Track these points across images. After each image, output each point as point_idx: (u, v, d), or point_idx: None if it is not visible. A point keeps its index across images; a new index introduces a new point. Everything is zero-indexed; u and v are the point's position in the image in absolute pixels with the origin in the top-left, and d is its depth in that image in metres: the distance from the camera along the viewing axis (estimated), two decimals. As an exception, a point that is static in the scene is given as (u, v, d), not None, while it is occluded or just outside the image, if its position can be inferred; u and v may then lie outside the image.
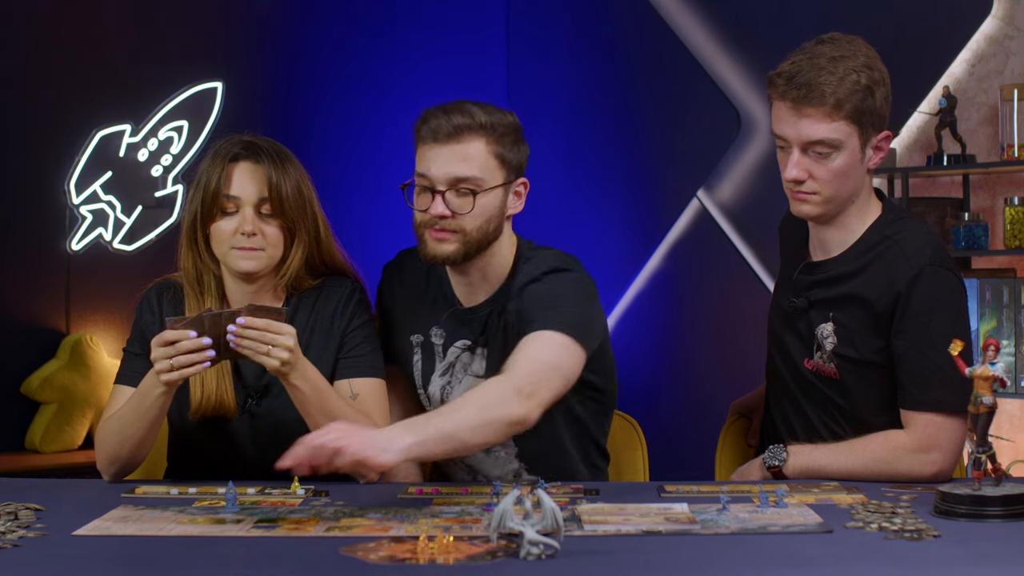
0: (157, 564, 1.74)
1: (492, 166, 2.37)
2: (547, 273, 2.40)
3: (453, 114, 2.35)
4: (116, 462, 2.37)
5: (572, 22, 5.40)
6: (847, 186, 2.35)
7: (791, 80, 2.30)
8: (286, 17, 5.02)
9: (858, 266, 2.37)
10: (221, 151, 2.41)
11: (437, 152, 2.35)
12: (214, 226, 2.39)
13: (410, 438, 2.02)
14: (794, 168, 2.33)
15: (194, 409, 2.41)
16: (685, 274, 5.14)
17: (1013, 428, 4.30)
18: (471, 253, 2.39)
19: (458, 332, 2.48)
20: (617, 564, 1.71)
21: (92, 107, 4.50)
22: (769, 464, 2.39)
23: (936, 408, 2.28)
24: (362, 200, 4.77)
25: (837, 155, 2.31)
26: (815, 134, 2.30)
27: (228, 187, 2.38)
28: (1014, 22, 4.40)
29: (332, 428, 2.00)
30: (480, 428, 2.11)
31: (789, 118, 2.32)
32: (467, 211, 2.35)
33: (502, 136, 2.38)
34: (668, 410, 4.99)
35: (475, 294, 2.47)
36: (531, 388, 2.18)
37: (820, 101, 2.29)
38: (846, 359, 2.37)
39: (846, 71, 2.30)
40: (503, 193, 2.40)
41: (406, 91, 5.06)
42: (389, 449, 1.98)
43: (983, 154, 4.40)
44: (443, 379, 2.50)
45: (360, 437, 1.98)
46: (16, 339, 4.38)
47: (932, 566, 1.68)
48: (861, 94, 2.30)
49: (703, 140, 5.05)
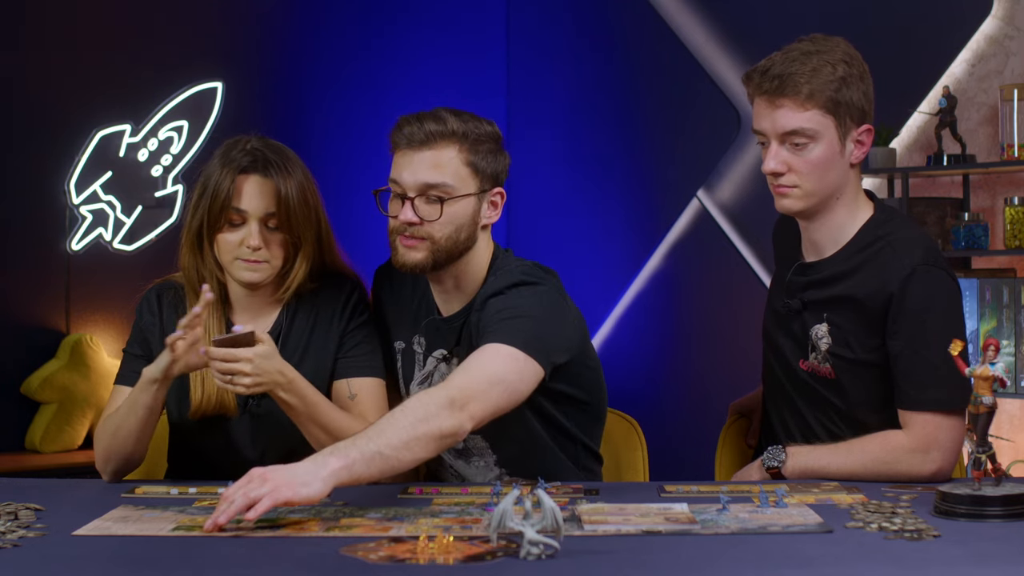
0: (157, 564, 1.74)
1: (464, 174, 2.36)
2: (512, 286, 2.36)
3: (426, 121, 2.34)
4: (111, 459, 2.38)
5: (572, 22, 5.40)
6: (828, 179, 2.35)
7: (765, 73, 2.33)
8: (286, 17, 5.02)
9: (850, 267, 2.37)
10: (231, 160, 2.39)
11: (409, 158, 2.34)
12: (220, 236, 2.39)
13: (335, 462, 1.97)
14: (772, 160, 2.34)
15: (194, 409, 2.42)
16: (685, 274, 5.14)
17: (1013, 428, 4.30)
18: (440, 262, 2.37)
19: (436, 341, 2.48)
20: (617, 564, 1.71)
21: (92, 107, 4.50)
22: (768, 465, 2.39)
23: (934, 408, 2.28)
24: (362, 200, 4.74)
25: (814, 145, 2.32)
26: (789, 124, 2.31)
27: (237, 200, 2.37)
28: (1014, 22, 4.40)
29: (248, 475, 1.95)
30: (410, 443, 2.05)
31: (765, 111, 2.34)
32: (435, 218, 2.33)
33: (476, 144, 2.36)
34: (668, 410, 5.00)
35: (451, 303, 2.46)
36: (463, 399, 2.12)
37: (793, 91, 2.30)
38: (841, 359, 2.37)
39: (820, 63, 2.31)
40: (476, 202, 2.38)
41: (406, 91, 5.07)
42: (311, 483, 1.94)
43: (983, 154, 4.40)
44: (421, 388, 2.48)
45: (277, 478, 1.93)
46: (16, 339, 4.38)
47: (932, 566, 1.68)
48: (835, 84, 2.31)
49: (703, 140, 5.05)
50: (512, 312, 2.29)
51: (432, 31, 5.29)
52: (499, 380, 2.19)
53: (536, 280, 2.38)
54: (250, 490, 1.91)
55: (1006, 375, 1.97)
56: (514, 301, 2.33)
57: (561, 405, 2.43)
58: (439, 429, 2.08)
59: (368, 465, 2.00)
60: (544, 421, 2.44)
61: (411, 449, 2.05)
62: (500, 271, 2.41)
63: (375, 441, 2.02)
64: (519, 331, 2.25)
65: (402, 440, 2.03)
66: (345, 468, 1.97)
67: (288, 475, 1.94)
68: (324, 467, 1.96)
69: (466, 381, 2.16)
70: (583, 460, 2.53)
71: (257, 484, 1.92)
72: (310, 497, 1.93)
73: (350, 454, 1.99)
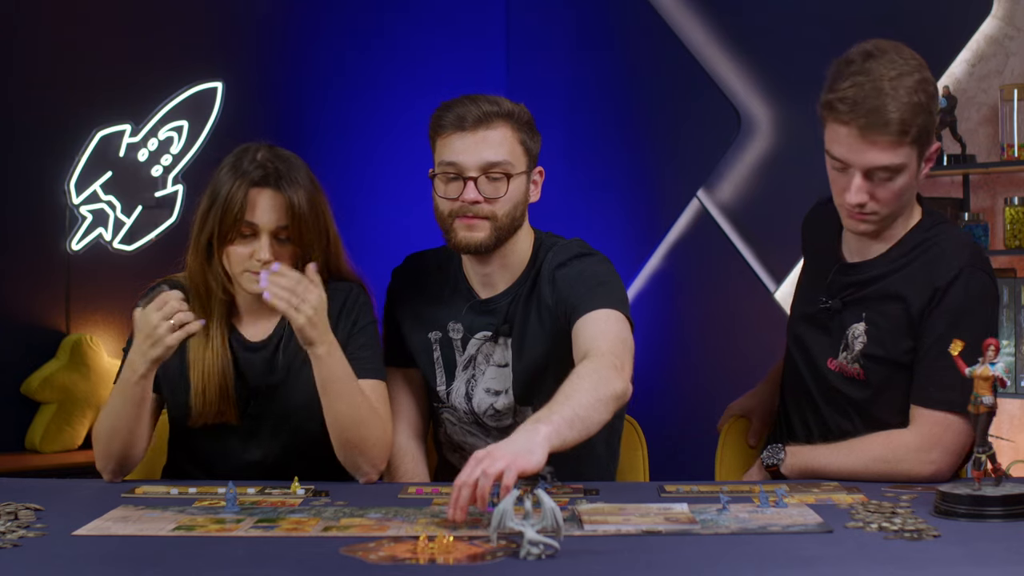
0: (157, 564, 1.74)
1: (518, 152, 2.43)
2: (576, 257, 2.45)
3: (480, 102, 2.40)
4: (111, 457, 2.37)
5: (572, 22, 5.40)
6: (903, 201, 2.34)
7: (856, 106, 2.24)
8: (286, 17, 5.02)
9: (898, 265, 2.37)
10: (243, 172, 2.38)
11: (465, 139, 2.38)
12: (230, 249, 2.38)
13: (545, 428, 1.99)
14: (857, 193, 2.28)
15: (195, 417, 2.42)
16: (685, 274, 5.14)
17: (1013, 428, 4.30)
18: (502, 239, 2.43)
19: (477, 324, 2.50)
20: (617, 564, 1.71)
21: (92, 107, 4.50)
22: (767, 463, 2.39)
23: (947, 408, 2.27)
24: (362, 200, 4.77)
25: (899, 177, 2.28)
26: (881, 160, 2.26)
27: (251, 215, 2.36)
28: (1014, 22, 4.40)
29: (474, 459, 1.93)
30: (596, 405, 2.11)
31: (854, 143, 2.26)
32: (501, 195, 2.39)
33: (524, 124, 2.44)
34: (668, 410, 4.99)
35: (494, 284, 2.50)
36: (620, 362, 2.22)
37: (886, 129, 2.23)
38: (873, 359, 2.36)
39: (908, 92, 2.24)
40: (526, 180, 2.46)
41: (406, 91, 5.06)
42: (533, 449, 1.94)
43: (983, 154, 4.40)
44: (466, 373, 2.51)
45: (504, 452, 1.92)
46: (16, 339, 4.37)
47: (932, 566, 1.68)
48: (924, 115, 2.26)
49: (703, 140, 5.05)
50: (598, 279, 2.39)
51: (432, 31, 5.29)
52: (626, 341, 2.31)
53: (594, 251, 2.49)
54: (488, 466, 1.90)
55: (1006, 375, 1.97)
56: (592, 270, 2.42)
57: None
58: (614, 391, 2.15)
59: (571, 428, 2.04)
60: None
61: (598, 410, 2.11)
62: (556, 246, 2.50)
63: (568, 406, 2.06)
64: (613, 295, 2.36)
65: (590, 402, 2.09)
66: (555, 432, 2.00)
67: (513, 447, 1.94)
68: (537, 434, 1.98)
69: (611, 345, 2.26)
70: (614, 454, 2.57)
71: (490, 462, 1.91)
72: (539, 463, 1.94)
73: (553, 419, 2.02)
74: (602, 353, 2.22)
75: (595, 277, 2.40)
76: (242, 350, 2.46)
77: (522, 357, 2.47)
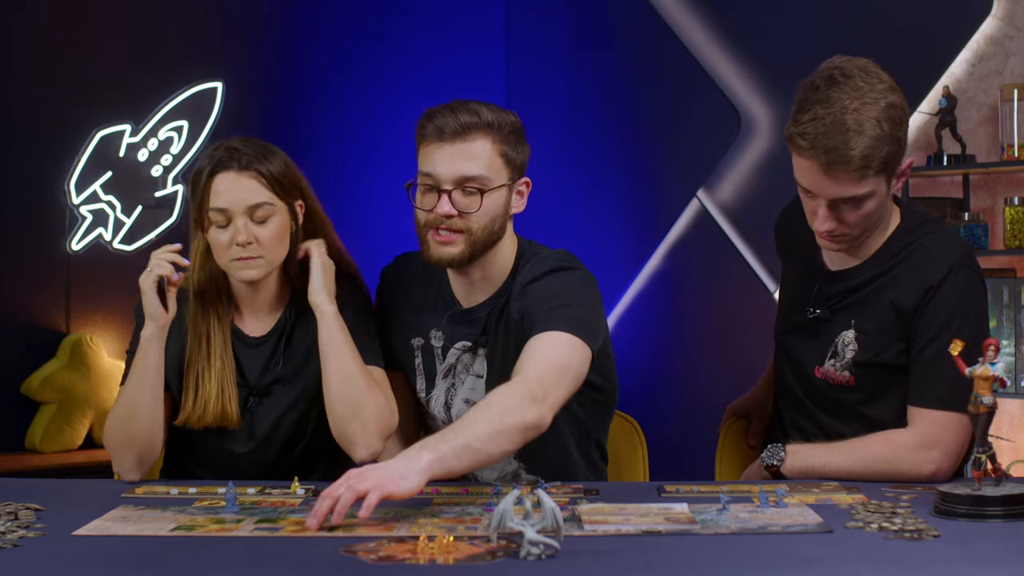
0: (157, 564, 1.74)
1: (498, 165, 2.36)
2: (550, 272, 2.38)
3: (459, 112, 2.34)
4: (131, 447, 2.35)
5: (572, 22, 5.40)
6: (875, 219, 2.33)
7: (816, 143, 2.21)
8: (286, 17, 5.02)
9: (883, 270, 2.36)
10: (203, 164, 2.39)
11: (443, 151, 2.33)
12: (212, 238, 2.38)
13: (428, 455, 1.99)
14: (824, 222, 2.28)
15: (195, 421, 2.41)
16: (685, 274, 5.14)
17: (1013, 428, 4.30)
18: (476, 254, 2.37)
19: (458, 333, 2.47)
20: (617, 564, 1.71)
21: (92, 107, 4.50)
22: (767, 463, 2.39)
23: (946, 407, 2.27)
24: (362, 200, 4.77)
25: (867, 202, 2.27)
26: (845, 193, 2.25)
27: (215, 200, 2.35)
28: (1014, 22, 4.40)
29: (347, 474, 1.96)
30: (496, 436, 2.07)
31: (815, 176, 2.25)
32: (474, 210, 2.34)
33: (507, 135, 2.37)
34: (668, 410, 4.99)
35: (475, 294, 2.46)
36: (543, 392, 2.15)
37: (848, 165, 2.21)
38: (865, 365, 2.36)
39: (872, 123, 2.21)
40: (507, 192, 2.39)
41: (406, 91, 5.06)
42: (407, 476, 1.95)
43: (983, 154, 4.40)
44: (446, 381, 2.49)
45: (376, 475, 1.94)
46: (16, 339, 4.38)
47: (932, 566, 1.68)
48: (889, 144, 2.23)
49: (703, 140, 5.05)
50: (561, 299, 2.32)
51: (432, 31, 5.29)
52: (567, 368, 2.23)
53: (572, 266, 2.42)
54: (356, 483, 1.91)
55: (1006, 375, 1.97)
56: (559, 287, 2.35)
57: (578, 393, 2.43)
58: (523, 421, 2.10)
59: (459, 458, 2.02)
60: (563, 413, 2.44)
61: (497, 442, 2.08)
62: (535, 258, 2.43)
63: (463, 435, 2.04)
64: (572, 317, 2.28)
65: (488, 433, 2.06)
66: (437, 461, 1.99)
67: (385, 471, 1.95)
68: (418, 461, 1.97)
69: (539, 372, 2.19)
70: (593, 456, 2.54)
71: (358, 480, 1.92)
72: (410, 490, 1.94)
73: (440, 448, 2.00)
74: (526, 380, 2.16)
75: (559, 296, 2.32)
76: (243, 346, 2.46)
77: (496, 370, 2.42)
